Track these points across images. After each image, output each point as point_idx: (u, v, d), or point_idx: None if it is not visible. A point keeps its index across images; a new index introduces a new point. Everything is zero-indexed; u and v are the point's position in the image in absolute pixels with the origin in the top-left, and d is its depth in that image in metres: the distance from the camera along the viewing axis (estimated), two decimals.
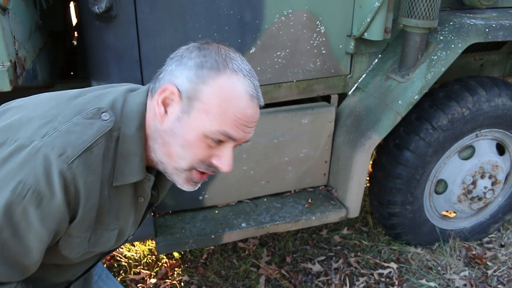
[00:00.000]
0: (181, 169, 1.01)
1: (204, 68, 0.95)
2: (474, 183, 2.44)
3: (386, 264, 2.53)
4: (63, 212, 0.92)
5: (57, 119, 0.93)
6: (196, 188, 1.07)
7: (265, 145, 2.21)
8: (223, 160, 1.00)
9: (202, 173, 1.04)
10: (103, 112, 0.97)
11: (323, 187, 2.49)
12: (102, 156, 0.95)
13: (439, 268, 2.54)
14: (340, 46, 2.16)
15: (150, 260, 2.55)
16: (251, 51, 1.97)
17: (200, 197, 2.22)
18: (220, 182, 2.22)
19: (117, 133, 0.98)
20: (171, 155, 1.00)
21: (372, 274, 2.48)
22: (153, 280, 2.40)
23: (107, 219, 1.04)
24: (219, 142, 0.98)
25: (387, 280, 2.45)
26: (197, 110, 0.95)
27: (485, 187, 2.45)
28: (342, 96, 2.34)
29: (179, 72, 0.97)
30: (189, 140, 0.97)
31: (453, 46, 2.08)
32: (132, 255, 2.57)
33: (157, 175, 1.14)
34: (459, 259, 2.60)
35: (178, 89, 0.96)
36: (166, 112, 0.98)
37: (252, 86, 0.98)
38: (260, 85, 2.03)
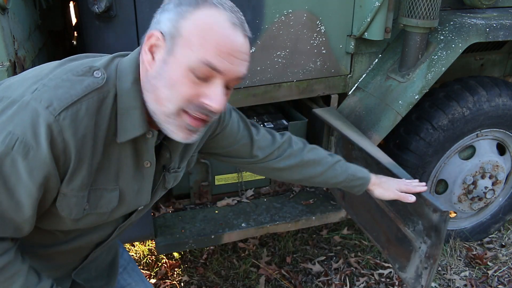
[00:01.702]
0: (170, 113, 0.99)
1: (182, 5, 0.96)
2: (474, 183, 2.44)
3: (386, 264, 2.53)
4: (49, 165, 0.93)
5: (48, 76, 0.97)
6: (194, 137, 1.03)
7: None
8: (212, 96, 0.97)
9: (195, 118, 1.00)
10: (95, 70, 0.99)
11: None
12: (96, 112, 0.96)
13: (440, 268, 2.53)
14: (340, 46, 2.16)
15: (150, 260, 2.54)
16: (251, 51, 1.97)
17: None
18: None
19: (114, 90, 1.00)
20: (159, 100, 0.99)
21: (372, 274, 2.48)
22: (153, 280, 2.39)
23: (105, 178, 1.05)
24: (206, 78, 0.96)
25: (387, 280, 2.45)
26: (180, 46, 0.95)
27: (486, 187, 2.44)
28: (342, 96, 2.34)
29: (161, 18, 0.99)
30: (174, 78, 0.96)
31: (453, 46, 2.07)
32: (132, 255, 2.57)
33: (168, 138, 1.09)
34: (460, 259, 2.60)
35: (161, 33, 0.97)
36: (153, 58, 0.99)
37: (234, 16, 0.99)
38: (260, 85, 2.06)
